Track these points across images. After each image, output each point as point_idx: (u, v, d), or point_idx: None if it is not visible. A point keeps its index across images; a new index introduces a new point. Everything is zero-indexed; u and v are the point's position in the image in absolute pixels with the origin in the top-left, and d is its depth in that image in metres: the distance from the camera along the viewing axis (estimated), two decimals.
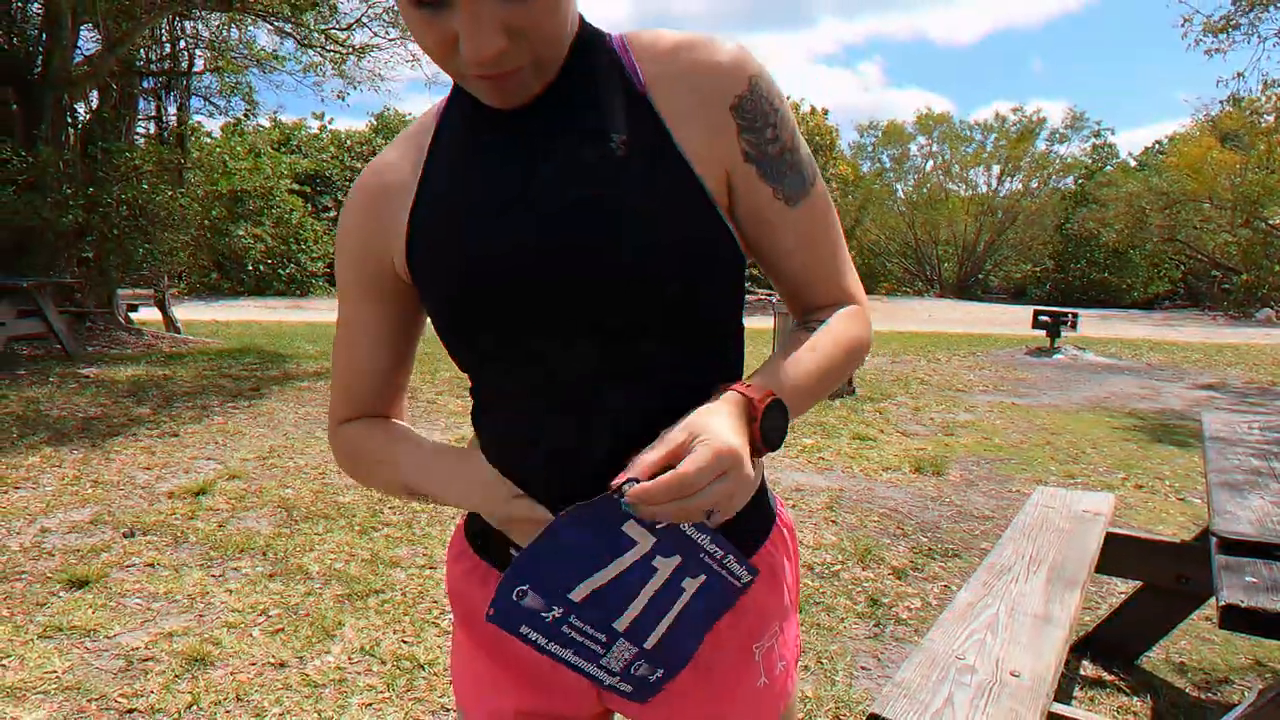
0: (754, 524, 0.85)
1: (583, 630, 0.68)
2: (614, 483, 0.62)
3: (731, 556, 0.69)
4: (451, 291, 0.73)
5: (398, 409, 0.89)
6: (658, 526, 0.65)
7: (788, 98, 0.80)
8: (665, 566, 0.67)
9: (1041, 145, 35.47)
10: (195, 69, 12.23)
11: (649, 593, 0.68)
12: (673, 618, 0.69)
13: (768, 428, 0.66)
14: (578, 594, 0.66)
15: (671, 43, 0.72)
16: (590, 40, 0.72)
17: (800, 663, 2.51)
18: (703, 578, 0.69)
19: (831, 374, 0.75)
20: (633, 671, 0.71)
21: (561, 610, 0.67)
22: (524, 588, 0.66)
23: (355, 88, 12.92)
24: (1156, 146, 36.06)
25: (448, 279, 0.73)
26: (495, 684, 0.86)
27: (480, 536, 0.86)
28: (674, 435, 0.63)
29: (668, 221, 0.69)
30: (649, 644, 0.70)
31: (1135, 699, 2.38)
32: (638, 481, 0.62)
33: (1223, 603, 1.28)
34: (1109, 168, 33.72)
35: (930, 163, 37.78)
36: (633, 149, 0.69)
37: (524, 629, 0.67)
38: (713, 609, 0.71)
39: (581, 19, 0.74)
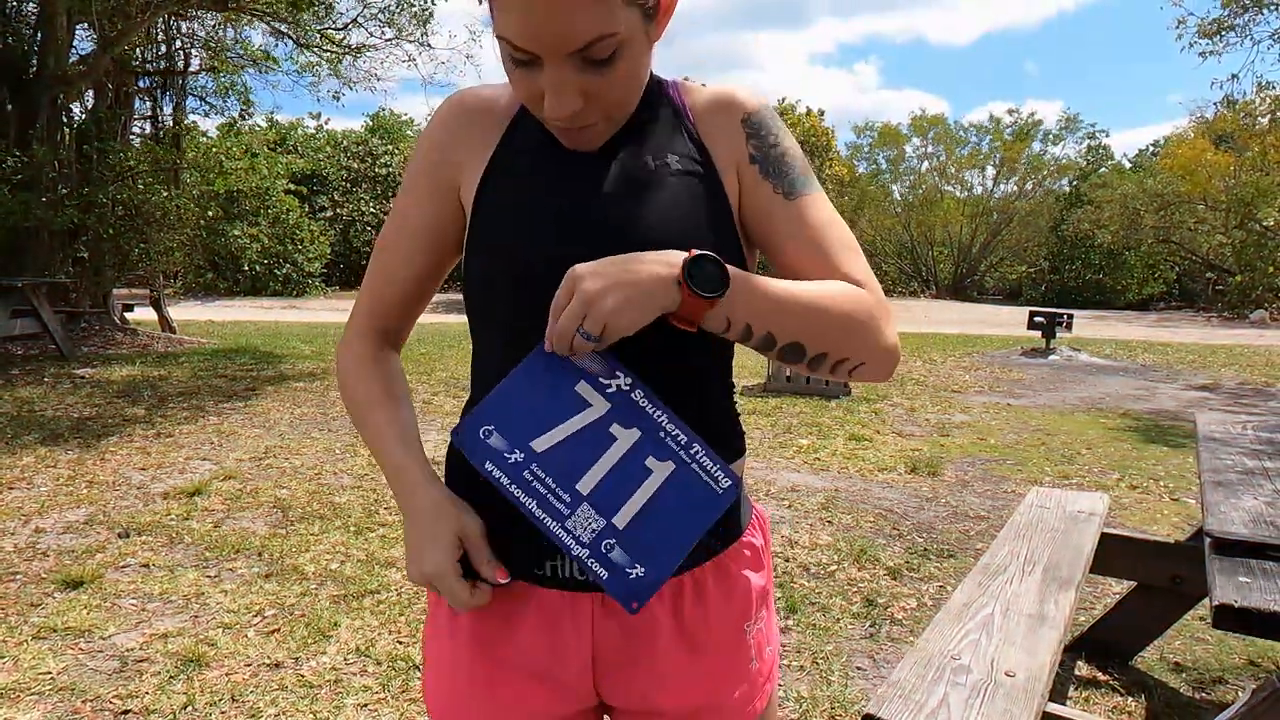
0: (736, 512, 0.88)
1: (544, 481, 0.72)
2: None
3: (700, 450, 0.74)
4: (489, 269, 0.81)
5: (405, 333, 0.97)
6: (608, 391, 0.73)
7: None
8: (625, 438, 0.74)
9: (1037, 147, 35.56)
10: (191, 69, 12.20)
11: (610, 460, 0.73)
12: (643, 500, 0.73)
13: (695, 267, 0.70)
14: (539, 444, 0.73)
15: (712, 88, 0.88)
16: (655, 86, 0.86)
17: (796, 663, 2.51)
18: (671, 465, 0.74)
19: (808, 305, 0.75)
20: (605, 550, 0.72)
21: (524, 455, 0.73)
22: (489, 427, 0.74)
23: (351, 88, 12.86)
24: (1151, 148, 36.21)
25: (489, 258, 0.81)
26: (492, 697, 0.85)
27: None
28: None
29: (686, 242, 0.76)
30: (618, 520, 0.72)
31: (1130, 699, 2.39)
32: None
33: (1216, 602, 1.29)
34: (1104, 169, 33.81)
35: (926, 164, 37.88)
36: (680, 175, 0.81)
37: (488, 465, 0.73)
38: (694, 511, 0.74)
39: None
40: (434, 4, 11.62)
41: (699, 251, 0.71)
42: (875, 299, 0.80)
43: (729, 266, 0.72)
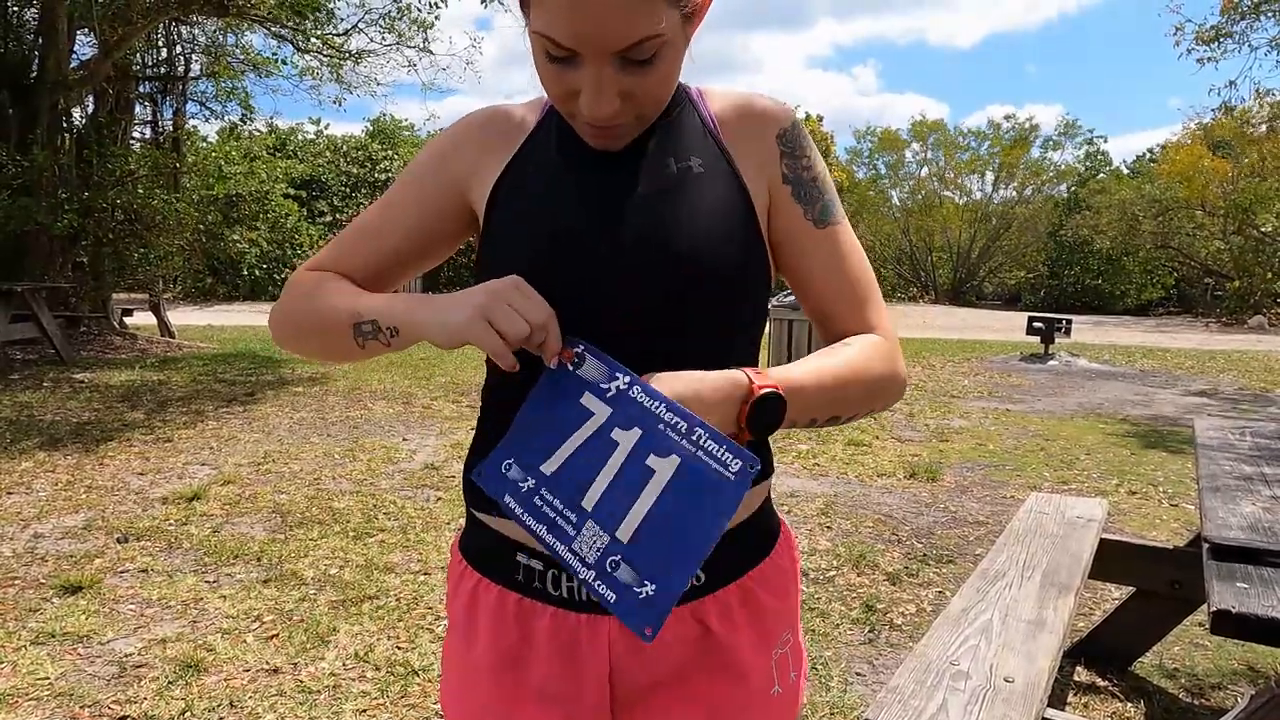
0: (763, 532, 0.88)
1: (553, 505, 0.70)
2: (565, 352, 0.71)
3: (704, 433, 0.67)
4: (522, 268, 0.77)
5: None
6: (608, 395, 0.70)
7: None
8: (626, 440, 0.69)
9: (1036, 153, 35.62)
10: (191, 74, 12.23)
11: (612, 468, 0.68)
12: (647, 506, 0.67)
13: (757, 411, 0.71)
14: (548, 466, 0.71)
15: (737, 94, 0.87)
16: (678, 91, 0.85)
17: None
18: (675, 458, 0.67)
19: (846, 385, 0.78)
20: (610, 569, 0.66)
21: (534, 481, 0.71)
22: (509, 460, 0.73)
23: (352, 92, 12.88)
24: (1149, 154, 36.26)
25: (521, 255, 0.78)
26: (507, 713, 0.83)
27: (481, 552, 0.85)
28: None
29: (713, 245, 0.78)
30: (622, 533, 0.67)
31: (1128, 704, 2.39)
32: (588, 349, 0.71)
33: (1214, 608, 1.29)
34: (1102, 175, 33.87)
35: (925, 169, 37.93)
36: (703, 177, 0.81)
37: (506, 498, 0.72)
38: (705, 509, 0.66)
39: None
40: (439, 9, 11.63)
41: (764, 390, 0.70)
42: (893, 345, 0.84)
43: (782, 373, 0.73)
